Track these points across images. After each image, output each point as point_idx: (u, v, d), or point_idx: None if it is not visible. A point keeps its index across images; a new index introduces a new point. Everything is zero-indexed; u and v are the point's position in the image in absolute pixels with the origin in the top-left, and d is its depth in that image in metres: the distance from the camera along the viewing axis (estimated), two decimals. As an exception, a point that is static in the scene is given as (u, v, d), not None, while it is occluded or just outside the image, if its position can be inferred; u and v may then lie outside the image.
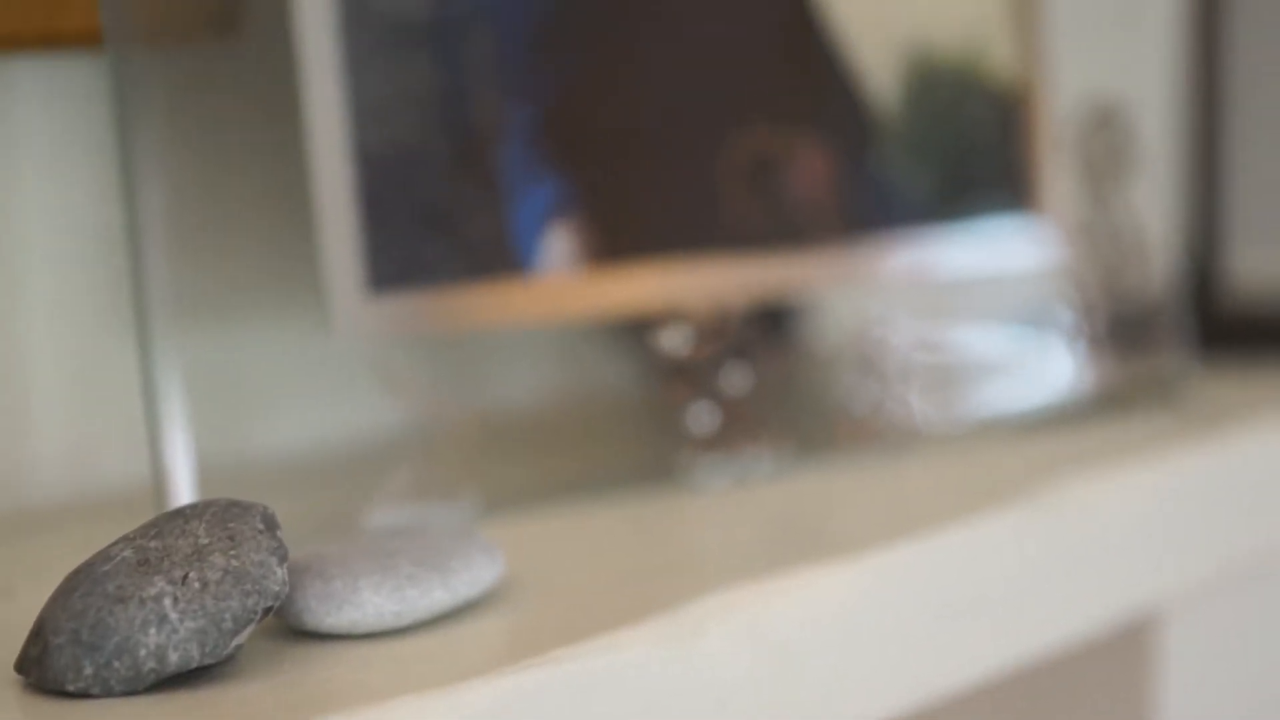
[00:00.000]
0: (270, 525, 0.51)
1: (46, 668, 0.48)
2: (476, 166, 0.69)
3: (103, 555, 0.50)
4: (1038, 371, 0.83)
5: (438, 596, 0.54)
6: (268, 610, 0.50)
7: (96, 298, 0.72)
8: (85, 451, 0.73)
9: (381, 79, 0.66)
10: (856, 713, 0.62)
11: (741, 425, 0.74)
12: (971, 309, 0.82)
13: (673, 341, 0.73)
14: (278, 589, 0.50)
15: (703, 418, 0.73)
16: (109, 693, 0.48)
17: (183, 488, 0.61)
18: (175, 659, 0.48)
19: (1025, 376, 0.83)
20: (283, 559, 0.50)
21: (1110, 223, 0.85)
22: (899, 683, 0.64)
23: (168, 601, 0.48)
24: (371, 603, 0.53)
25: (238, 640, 0.49)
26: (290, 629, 0.54)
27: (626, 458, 0.72)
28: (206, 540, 0.50)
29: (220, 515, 0.51)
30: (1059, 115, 0.84)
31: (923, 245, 0.80)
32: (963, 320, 0.82)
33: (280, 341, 0.65)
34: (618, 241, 0.72)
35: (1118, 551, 0.73)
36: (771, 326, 0.78)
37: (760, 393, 0.75)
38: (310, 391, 0.66)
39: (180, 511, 0.51)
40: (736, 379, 0.74)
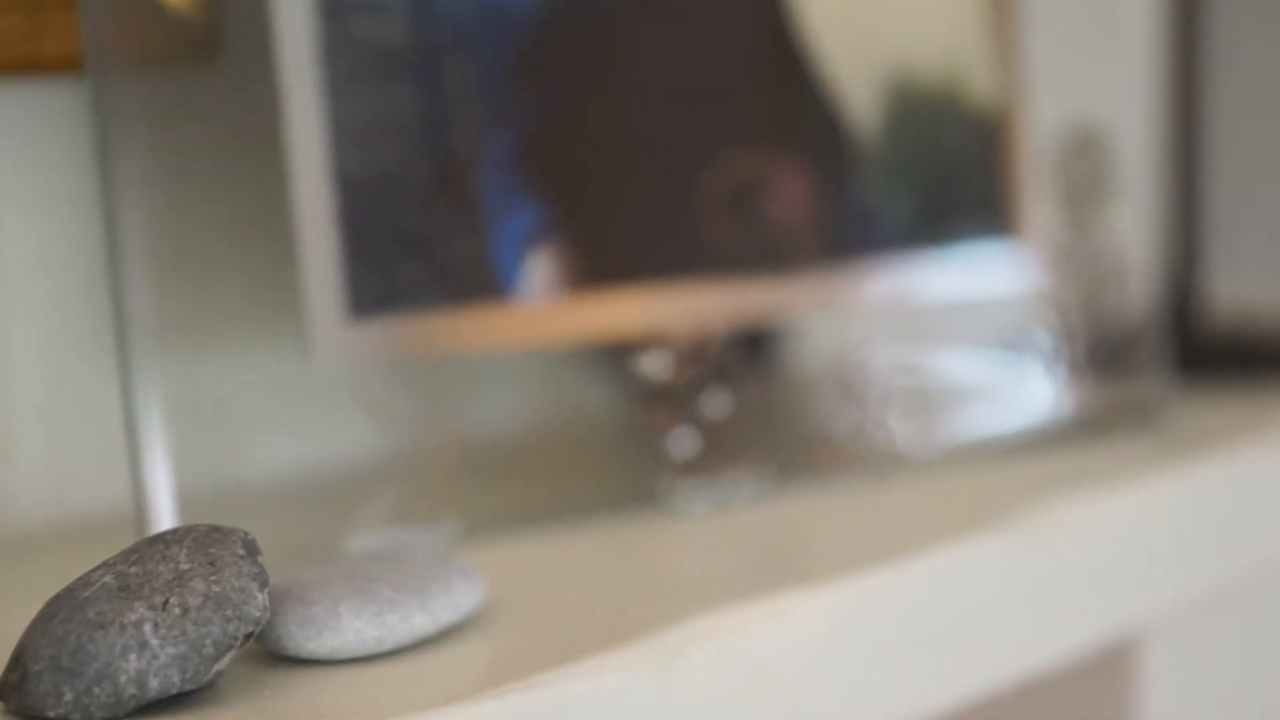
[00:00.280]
0: (251, 550, 0.51)
1: (26, 694, 0.48)
2: (457, 192, 0.69)
3: (83, 581, 0.50)
4: (1018, 396, 0.83)
5: (418, 621, 0.54)
6: (248, 636, 0.50)
7: (77, 324, 0.72)
8: (66, 477, 0.73)
9: (362, 105, 0.66)
10: (837, 737, 0.62)
11: (722, 450, 0.74)
12: (952, 333, 0.82)
13: (653, 366, 0.73)
14: (258, 614, 0.50)
15: (683, 442, 0.73)
16: (89, 719, 0.48)
17: (163, 513, 0.61)
18: (156, 685, 0.48)
19: (1005, 401, 0.83)
20: (263, 584, 0.50)
21: (1090, 247, 0.85)
22: (879, 707, 0.64)
23: (148, 627, 0.48)
24: (352, 628, 0.53)
25: (218, 666, 0.49)
26: (271, 654, 0.54)
27: (607, 482, 0.72)
28: (187, 566, 0.50)
29: (201, 541, 0.51)
30: (1039, 140, 0.85)
31: (903, 270, 0.80)
32: (943, 344, 0.82)
33: (261, 367, 0.65)
34: (598, 266, 0.72)
35: (1098, 575, 0.73)
36: (752, 351, 0.78)
37: (741, 417, 0.75)
38: (291, 417, 0.66)
39: (161, 537, 0.51)
40: (717, 403, 0.74)
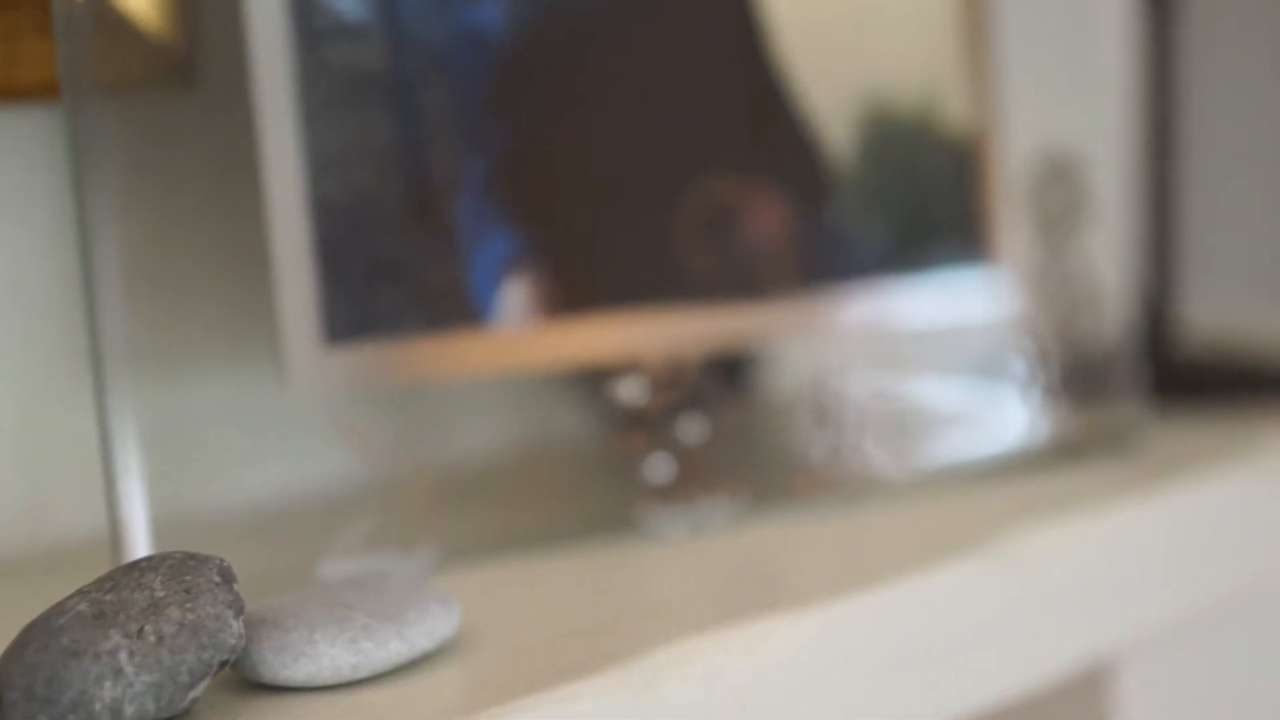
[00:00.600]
0: (227, 578, 0.51)
1: (0, 722, 0.48)
2: (433, 218, 0.69)
3: (58, 609, 0.50)
4: (993, 421, 0.83)
5: (394, 648, 0.54)
6: (224, 663, 0.50)
7: (52, 350, 0.72)
8: (40, 504, 0.72)
9: (338, 131, 0.66)
10: (814, 762, 0.62)
11: (698, 475, 0.74)
12: (927, 359, 0.82)
13: (629, 392, 0.74)
14: (234, 642, 0.50)
15: (660, 468, 0.73)
16: (63, 747, 0.48)
17: (139, 540, 0.61)
18: (131, 713, 0.48)
19: (981, 426, 0.83)
20: (239, 612, 0.50)
21: (1065, 272, 0.86)
22: (856, 732, 0.64)
23: (123, 655, 0.48)
24: (327, 655, 0.53)
25: (194, 693, 0.49)
26: (247, 681, 0.54)
27: (583, 508, 0.72)
28: (163, 593, 0.50)
29: (176, 568, 0.51)
30: (1014, 167, 0.85)
31: (879, 295, 0.80)
32: (919, 370, 0.82)
33: (237, 393, 0.65)
34: (574, 293, 0.72)
35: (1074, 599, 0.73)
36: (728, 377, 0.78)
37: (717, 443, 0.75)
38: (266, 443, 0.65)
39: (136, 564, 0.51)
40: (693, 429, 0.74)
